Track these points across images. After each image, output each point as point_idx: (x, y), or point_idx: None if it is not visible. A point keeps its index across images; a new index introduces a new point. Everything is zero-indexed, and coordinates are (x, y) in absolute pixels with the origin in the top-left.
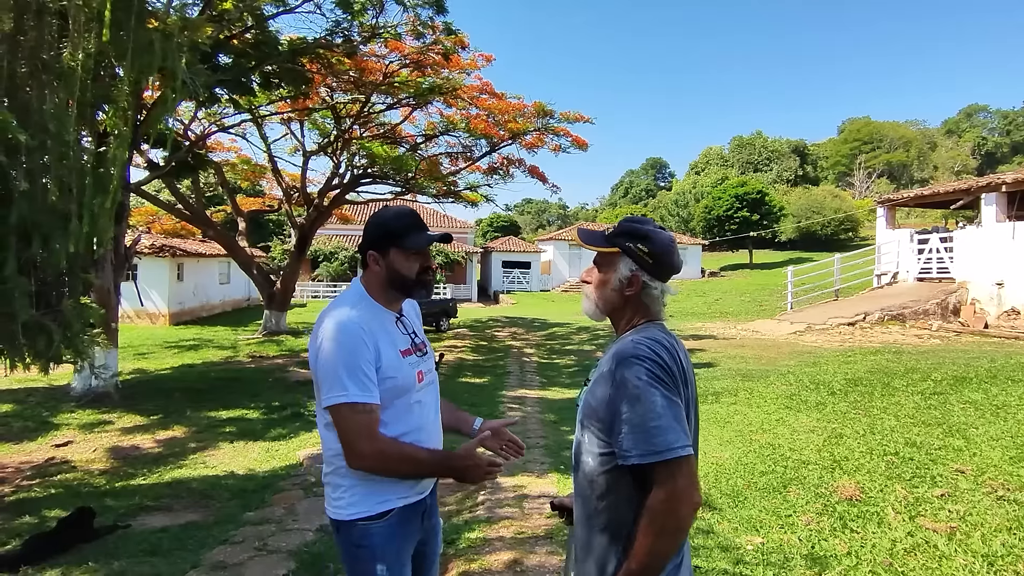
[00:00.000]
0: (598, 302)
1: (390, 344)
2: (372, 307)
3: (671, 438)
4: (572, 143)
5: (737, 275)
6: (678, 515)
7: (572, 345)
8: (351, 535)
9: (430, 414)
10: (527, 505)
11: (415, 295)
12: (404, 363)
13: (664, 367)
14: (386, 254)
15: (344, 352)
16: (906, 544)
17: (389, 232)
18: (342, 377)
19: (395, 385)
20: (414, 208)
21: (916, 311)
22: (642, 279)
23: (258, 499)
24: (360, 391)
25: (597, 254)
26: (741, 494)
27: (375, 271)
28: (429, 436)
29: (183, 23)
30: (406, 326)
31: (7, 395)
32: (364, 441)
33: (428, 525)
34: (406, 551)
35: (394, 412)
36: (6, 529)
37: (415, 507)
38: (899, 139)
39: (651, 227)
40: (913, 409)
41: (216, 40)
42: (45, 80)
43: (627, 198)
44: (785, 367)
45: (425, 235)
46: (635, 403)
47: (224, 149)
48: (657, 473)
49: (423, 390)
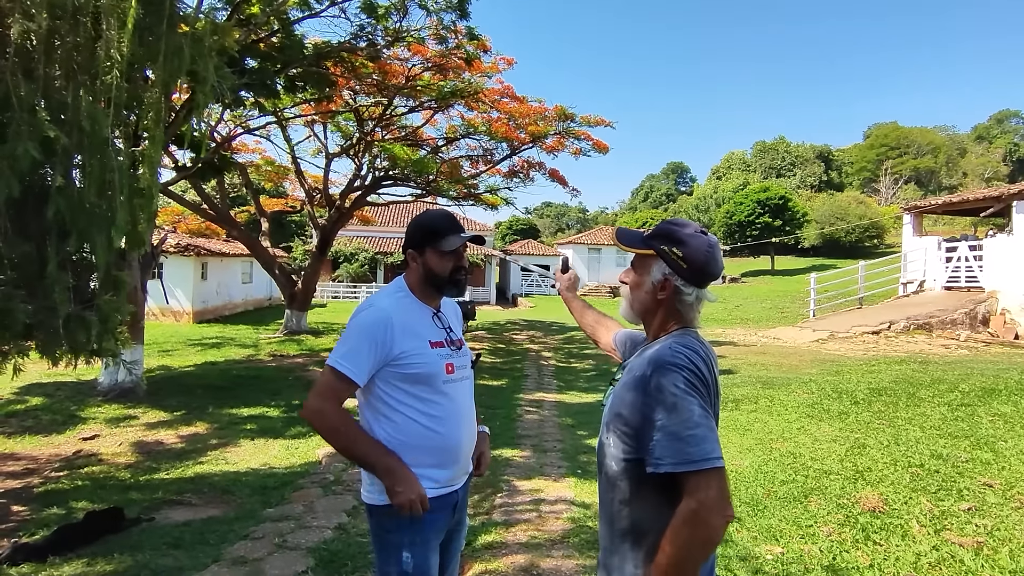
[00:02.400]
0: (632, 303)
1: (420, 334)
2: (409, 300)
3: (707, 448)
4: (593, 147)
5: (758, 281)
6: (709, 526)
7: (590, 349)
8: (382, 521)
9: (460, 409)
10: (543, 509)
11: (447, 292)
12: (433, 353)
13: (700, 378)
14: (422, 253)
15: (358, 331)
16: (931, 558)
17: (425, 233)
18: (344, 348)
19: (421, 372)
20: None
21: (943, 320)
22: (675, 284)
23: (278, 496)
24: (346, 363)
25: (636, 255)
26: (761, 503)
27: (413, 268)
28: (451, 430)
29: (212, 27)
30: (442, 321)
31: (37, 389)
32: (319, 398)
33: (457, 519)
34: (434, 541)
35: (420, 396)
36: (35, 519)
37: (446, 499)
38: (927, 145)
39: (689, 231)
40: (939, 420)
41: (243, 44)
42: (80, 81)
43: (647, 202)
44: (807, 375)
45: (457, 237)
46: (671, 411)
47: (249, 151)
48: (689, 482)
49: (452, 383)
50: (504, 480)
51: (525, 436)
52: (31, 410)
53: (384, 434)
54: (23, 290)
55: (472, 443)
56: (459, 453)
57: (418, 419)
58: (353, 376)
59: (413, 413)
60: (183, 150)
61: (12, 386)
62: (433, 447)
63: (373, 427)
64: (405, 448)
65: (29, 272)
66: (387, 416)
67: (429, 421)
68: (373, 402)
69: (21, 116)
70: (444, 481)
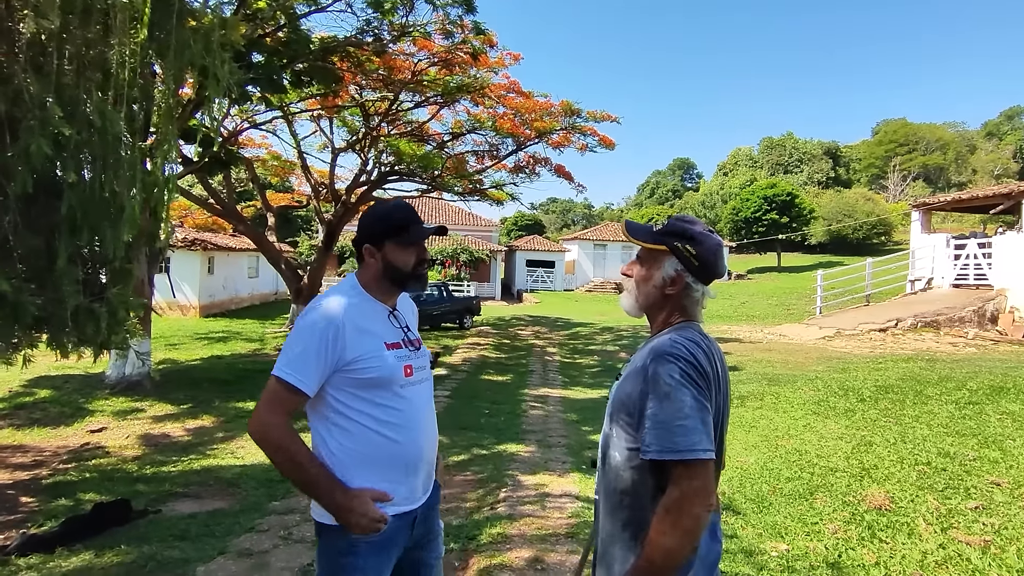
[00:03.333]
0: (638, 297)
1: (375, 335)
2: (363, 299)
3: (694, 439)
4: (599, 142)
5: (764, 278)
6: (691, 515)
7: (595, 345)
8: (334, 542)
9: (420, 414)
10: (548, 503)
11: (410, 287)
12: (389, 355)
13: (699, 370)
14: (381, 247)
15: (306, 335)
16: (937, 556)
17: (386, 225)
18: (289, 354)
19: (377, 376)
20: (440, 203)
21: (951, 318)
22: (686, 280)
23: (283, 489)
24: (293, 371)
25: (642, 248)
26: (766, 500)
27: (370, 264)
28: (413, 435)
29: (219, 22)
30: (399, 320)
31: (45, 381)
32: (266, 412)
33: (421, 532)
34: (387, 564)
35: (376, 403)
36: (43, 511)
37: (404, 517)
38: (936, 141)
39: (700, 229)
40: (947, 419)
41: (249, 39)
42: (91, 77)
43: (653, 198)
44: (813, 372)
45: (421, 228)
46: (664, 400)
47: (255, 145)
48: (674, 472)
49: (411, 386)
50: (509, 475)
51: (530, 431)
52: (39, 402)
53: (337, 445)
54: (32, 283)
55: (434, 450)
56: (420, 462)
57: (375, 427)
58: (301, 386)
59: (369, 421)
60: (190, 145)
61: (21, 378)
62: (392, 457)
63: (325, 439)
64: (362, 460)
65: (38, 265)
66: (340, 426)
67: (387, 429)
68: (324, 411)
69: (33, 113)
70: (401, 498)
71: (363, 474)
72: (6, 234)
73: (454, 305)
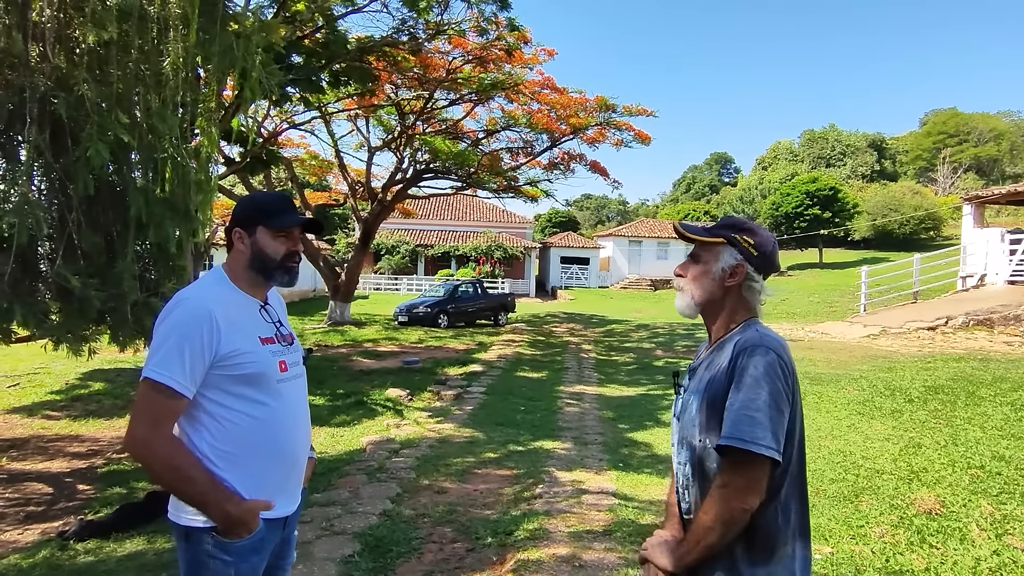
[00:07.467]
0: (694, 293)
1: (247, 330)
2: (232, 291)
3: (759, 433)
4: (634, 137)
5: (805, 275)
6: (728, 507)
7: (631, 343)
8: (203, 545)
9: (294, 409)
10: (585, 500)
11: (277, 279)
12: (264, 350)
13: (784, 367)
14: (252, 232)
15: (176, 331)
16: (991, 563)
17: (258, 210)
18: (160, 354)
19: (253, 371)
20: (475, 200)
21: (1006, 316)
22: (746, 269)
23: (324, 481)
24: (166, 371)
25: (696, 246)
26: (809, 501)
27: (239, 250)
28: (288, 432)
29: (260, 25)
30: (270, 315)
31: (99, 375)
32: (143, 426)
33: (283, 536)
34: (259, 569)
35: (251, 399)
36: (99, 498)
37: (278, 521)
38: (989, 131)
39: (755, 224)
40: (1002, 421)
41: (288, 40)
42: (147, 83)
43: (689, 194)
44: (857, 371)
45: (295, 216)
46: (742, 390)
47: (294, 145)
48: (728, 458)
49: (286, 382)
50: (545, 471)
51: (566, 428)
52: (94, 395)
53: (207, 446)
54: (94, 278)
55: (307, 449)
56: (295, 459)
57: (246, 424)
58: (178, 387)
59: (240, 418)
60: (231, 145)
61: (76, 371)
62: (269, 457)
63: (192, 439)
64: (236, 461)
65: (99, 262)
66: (207, 426)
67: (260, 426)
68: (191, 410)
69: (92, 119)
70: (285, 503)
71: (238, 475)
72: (71, 233)
73: (489, 302)
